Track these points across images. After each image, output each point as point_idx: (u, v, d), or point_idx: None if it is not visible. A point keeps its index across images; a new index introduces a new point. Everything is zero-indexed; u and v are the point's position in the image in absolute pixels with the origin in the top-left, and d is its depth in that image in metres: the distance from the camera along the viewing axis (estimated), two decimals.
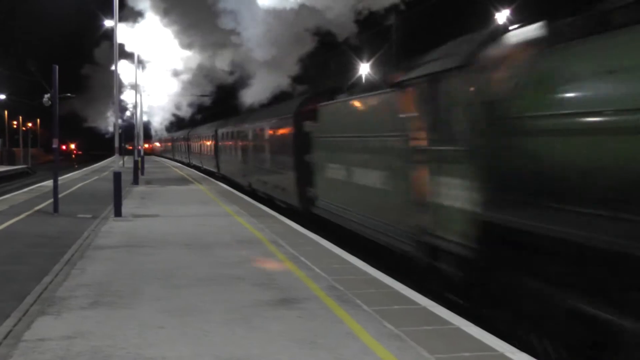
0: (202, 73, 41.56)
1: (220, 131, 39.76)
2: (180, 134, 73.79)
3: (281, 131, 21.85)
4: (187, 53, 40.88)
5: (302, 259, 11.67)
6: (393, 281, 9.87)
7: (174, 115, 67.90)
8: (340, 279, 9.90)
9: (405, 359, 6.34)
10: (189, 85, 49.88)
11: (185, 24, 36.62)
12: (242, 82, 32.61)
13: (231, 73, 34.64)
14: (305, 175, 18.34)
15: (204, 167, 48.73)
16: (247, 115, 30.79)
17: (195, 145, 56.95)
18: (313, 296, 8.91)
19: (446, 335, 7.10)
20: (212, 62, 35.84)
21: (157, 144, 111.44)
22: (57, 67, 19.86)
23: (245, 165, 29.91)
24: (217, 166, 41.30)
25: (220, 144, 39.87)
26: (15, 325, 7.58)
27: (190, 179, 38.69)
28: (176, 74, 47.22)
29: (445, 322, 7.62)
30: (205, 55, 36.88)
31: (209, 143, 45.78)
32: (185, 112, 63.38)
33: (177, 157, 75.61)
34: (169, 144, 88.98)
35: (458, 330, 7.32)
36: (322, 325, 7.52)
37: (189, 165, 59.91)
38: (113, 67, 21.30)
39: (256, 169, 26.82)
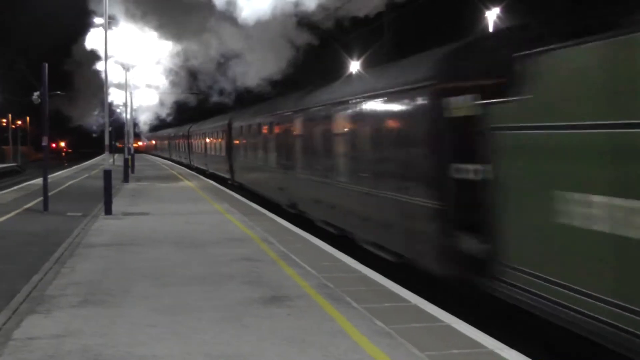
0: (188, 67, 41.30)
1: (236, 124, 30.10)
2: (179, 130, 63.91)
3: (392, 119, 11.66)
4: (173, 49, 40.74)
5: (293, 256, 11.67)
6: (383, 279, 9.88)
7: (161, 113, 67.89)
8: (330, 277, 9.91)
9: (396, 357, 6.35)
10: (176, 81, 49.81)
11: (171, 27, 36.53)
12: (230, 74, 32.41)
13: (221, 63, 33.94)
14: (461, 206, 9.15)
15: (211, 170, 39.54)
16: (292, 97, 20.28)
17: (198, 143, 46.75)
18: (303, 294, 8.91)
19: (436, 333, 7.13)
20: (203, 51, 35.36)
21: (154, 142, 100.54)
22: (46, 65, 19.80)
23: (286, 173, 19.59)
24: (231, 171, 31.54)
25: (236, 141, 30.19)
26: (4, 323, 7.55)
27: (180, 176, 38.61)
28: (163, 71, 47.21)
29: (436, 320, 7.64)
30: (192, 47, 36.70)
31: (218, 140, 35.84)
32: (171, 112, 63.35)
33: (174, 157, 66.32)
34: (165, 141, 78.81)
35: (448, 327, 7.34)
36: (313, 323, 7.53)
37: (190, 167, 50.95)
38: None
39: (312, 181, 16.60)
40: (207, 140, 41.00)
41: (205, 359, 6.34)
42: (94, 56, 51.57)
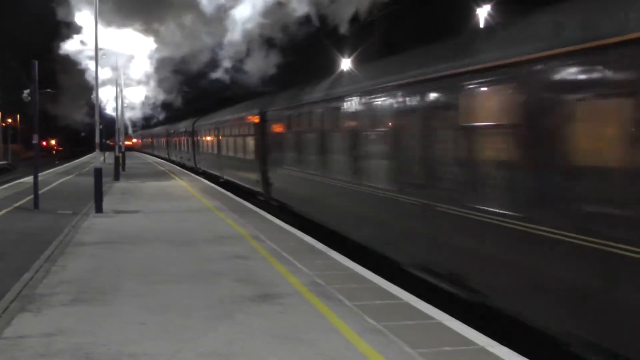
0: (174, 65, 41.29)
1: (275, 114, 20.25)
2: (179, 125, 54.82)
3: None
4: (161, 47, 40.74)
5: (284, 254, 11.65)
6: (375, 276, 9.88)
7: (153, 111, 67.74)
8: (322, 275, 9.91)
9: (387, 354, 6.36)
10: (166, 76, 49.76)
11: (160, 29, 36.60)
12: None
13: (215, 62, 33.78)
14: None
15: (227, 178, 30.14)
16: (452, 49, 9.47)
17: (207, 141, 36.68)
18: (295, 291, 8.90)
19: (428, 330, 7.14)
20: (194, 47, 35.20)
21: (150, 139, 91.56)
22: (36, 62, 19.71)
23: (427, 209, 9.57)
24: (265, 183, 21.59)
25: (276, 140, 20.16)
26: None
27: (171, 174, 38.52)
28: (150, 66, 47.19)
29: (427, 317, 7.65)
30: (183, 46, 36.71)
31: (242, 138, 25.84)
32: (161, 111, 63.20)
33: (174, 158, 58.03)
34: (163, 139, 69.63)
35: (440, 324, 7.35)
36: (304, 320, 7.52)
37: (195, 171, 41.58)
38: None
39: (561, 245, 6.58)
40: (223, 137, 31.04)
41: (197, 357, 6.33)
42: (75, 59, 51.74)
